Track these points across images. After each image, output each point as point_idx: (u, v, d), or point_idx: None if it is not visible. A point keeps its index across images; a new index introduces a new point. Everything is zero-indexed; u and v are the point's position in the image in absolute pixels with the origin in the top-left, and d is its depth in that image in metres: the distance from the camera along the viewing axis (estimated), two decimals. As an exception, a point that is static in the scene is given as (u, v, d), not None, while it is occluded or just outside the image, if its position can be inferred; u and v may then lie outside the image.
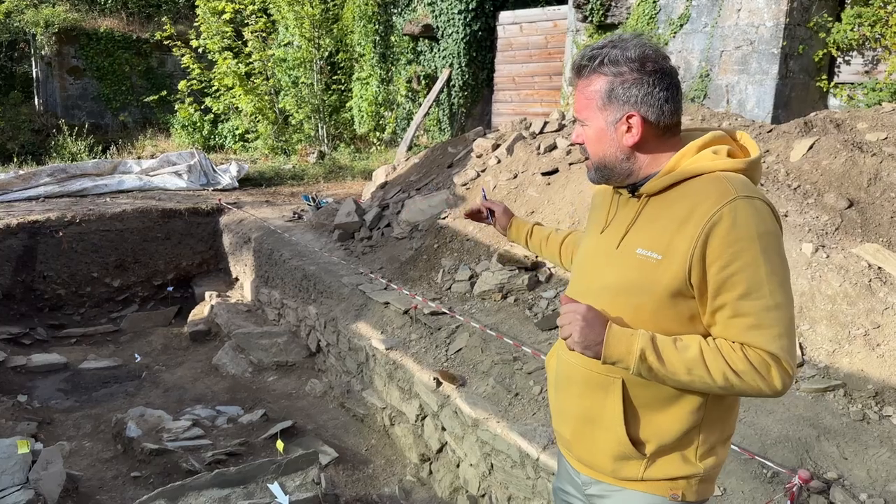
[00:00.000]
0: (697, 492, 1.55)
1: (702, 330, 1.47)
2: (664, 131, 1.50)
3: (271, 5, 12.12)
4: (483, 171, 6.29)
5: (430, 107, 10.88)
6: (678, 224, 1.42)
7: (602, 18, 8.50)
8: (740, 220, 1.36)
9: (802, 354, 3.44)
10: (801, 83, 6.86)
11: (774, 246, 1.39)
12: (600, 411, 1.56)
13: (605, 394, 1.54)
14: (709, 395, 1.49)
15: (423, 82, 11.34)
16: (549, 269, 4.84)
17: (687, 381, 1.40)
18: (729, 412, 1.57)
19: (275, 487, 3.40)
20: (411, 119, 11.26)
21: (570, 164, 5.63)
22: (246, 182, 10.24)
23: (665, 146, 1.51)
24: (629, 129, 1.48)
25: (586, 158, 1.58)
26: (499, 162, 6.21)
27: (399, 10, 11.41)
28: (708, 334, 1.46)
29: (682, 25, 7.35)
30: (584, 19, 8.68)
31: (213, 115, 13.11)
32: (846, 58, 6.79)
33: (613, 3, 8.43)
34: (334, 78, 12.56)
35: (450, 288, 5.05)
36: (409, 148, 10.43)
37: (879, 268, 3.65)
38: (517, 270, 4.80)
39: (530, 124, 6.76)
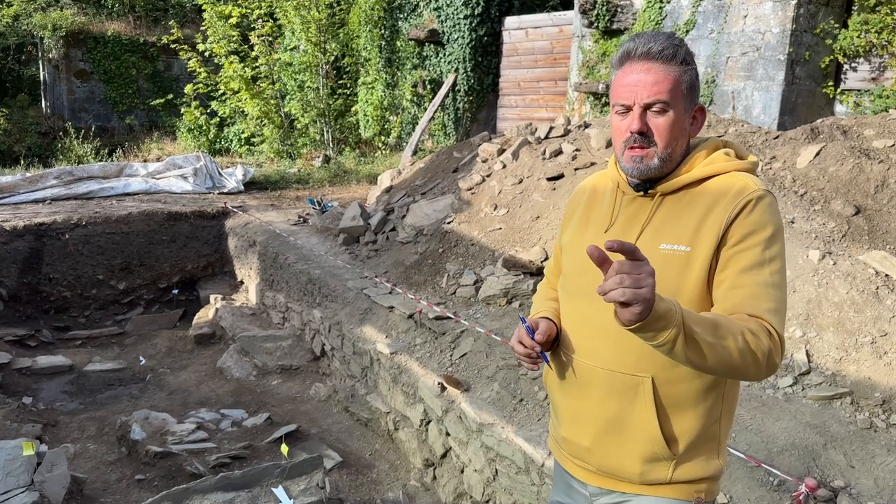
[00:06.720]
0: (713, 492, 1.58)
1: None
2: None
3: (278, 10, 12.18)
4: (488, 175, 6.29)
5: (435, 111, 10.90)
6: (702, 215, 1.46)
7: (608, 24, 8.51)
8: (760, 209, 1.44)
9: (809, 362, 3.42)
10: (808, 89, 6.85)
11: (780, 240, 1.46)
12: (629, 414, 1.52)
13: (633, 395, 1.51)
14: (724, 390, 1.52)
15: (429, 87, 11.37)
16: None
17: (712, 343, 1.27)
18: (733, 407, 1.59)
19: (279, 491, 3.40)
20: (416, 124, 11.28)
21: (576, 169, 5.62)
22: (251, 186, 10.26)
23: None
24: (693, 121, 1.55)
25: (642, 147, 1.47)
26: (504, 167, 6.22)
27: (405, 15, 11.44)
28: None
29: (688, 31, 7.35)
30: (590, 25, 8.69)
31: (218, 119, 13.16)
32: (853, 64, 6.78)
33: (619, 9, 8.44)
34: (340, 82, 12.60)
35: (454, 292, 5.04)
36: (415, 152, 10.45)
37: (887, 275, 3.64)
38: (522, 275, 4.80)
39: (536, 129, 6.76)
